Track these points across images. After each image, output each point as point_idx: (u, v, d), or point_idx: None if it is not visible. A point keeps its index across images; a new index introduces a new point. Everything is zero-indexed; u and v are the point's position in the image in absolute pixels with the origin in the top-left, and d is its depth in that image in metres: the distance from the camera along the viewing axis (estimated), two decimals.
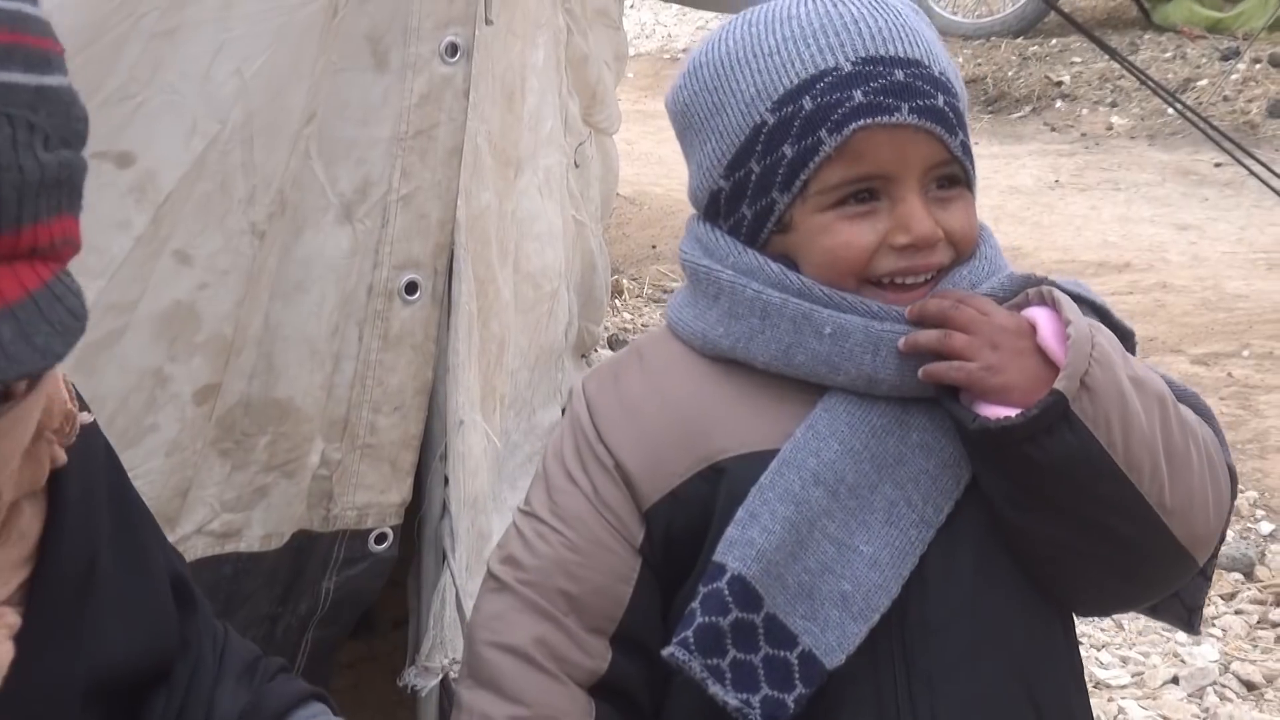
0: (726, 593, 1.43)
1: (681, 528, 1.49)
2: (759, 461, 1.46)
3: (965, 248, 1.48)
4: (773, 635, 1.44)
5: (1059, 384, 1.35)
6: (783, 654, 1.44)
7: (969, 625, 1.45)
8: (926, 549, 1.45)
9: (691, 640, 1.44)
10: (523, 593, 1.51)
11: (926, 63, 1.44)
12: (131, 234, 1.74)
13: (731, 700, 1.43)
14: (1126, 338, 1.51)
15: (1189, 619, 1.59)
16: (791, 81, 1.43)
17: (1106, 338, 1.41)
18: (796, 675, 1.43)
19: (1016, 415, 1.36)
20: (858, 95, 1.41)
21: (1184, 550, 1.43)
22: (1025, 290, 1.46)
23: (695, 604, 1.44)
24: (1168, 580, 1.50)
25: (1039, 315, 1.42)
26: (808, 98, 1.42)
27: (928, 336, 1.41)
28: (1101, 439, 1.36)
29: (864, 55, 1.43)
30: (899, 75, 1.42)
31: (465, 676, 1.55)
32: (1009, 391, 1.39)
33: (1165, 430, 1.41)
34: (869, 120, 1.41)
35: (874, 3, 1.46)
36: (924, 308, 1.42)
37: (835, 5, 1.46)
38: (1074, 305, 1.42)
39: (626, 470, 1.50)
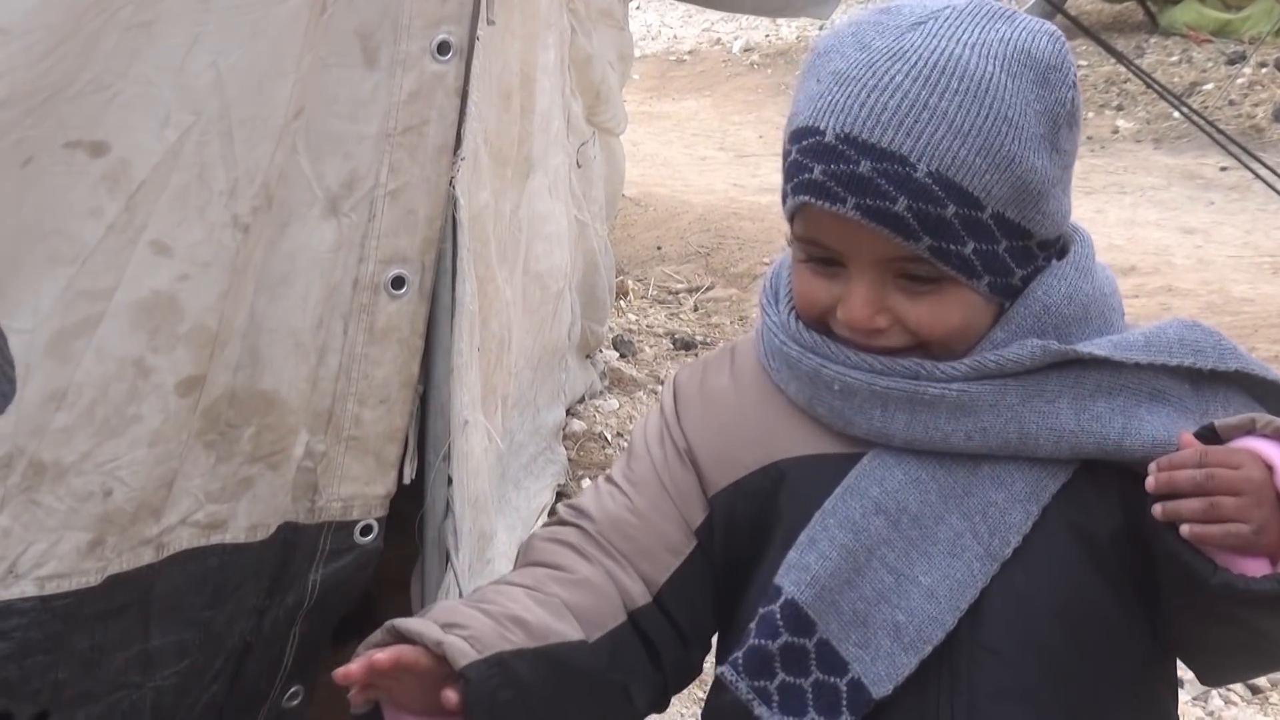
0: (778, 616, 1.45)
1: (744, 518, 1.52)
2: (819, 464, 1.48)
3: (931, 341, 1.43)
4: (824, 661, 1.44)
5: None
6: (833, 680, 1.44)
7: (1023, 662, 1.42)
8: (990, 582, 1.43)
9: (741, 661, 1.47)
10: (585, 527, 1.57)
11: (912, 160, 1.35)
12: (103, 221, 1.74)
13: None
14: None
15: None
16: (799, 124, 1.41)
17: None
18: (844, 702, 1.43)
19: (1268, 579, 1.30)
20: (816, 171, 1.38)
21: None
22: (1252, 417, 1.36)
23: (751, 624, 1.47)
24: None
25: (1275, 456, 1.33)
26: (795, 148, 1.41)
27: (1192, 509, 1.31)
28: None
29: (845, 132, 1.36)
30: (863, 166, 1.36)
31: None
32: (1267, 548, 1.32)
33: None
34: (813, 200, 1.39)
35: (916, 70, 1.36)
36: (1174, 481, 1.31)
37: (876, 63, 1.38)
38: None
39: (696, 455, 1.55)
